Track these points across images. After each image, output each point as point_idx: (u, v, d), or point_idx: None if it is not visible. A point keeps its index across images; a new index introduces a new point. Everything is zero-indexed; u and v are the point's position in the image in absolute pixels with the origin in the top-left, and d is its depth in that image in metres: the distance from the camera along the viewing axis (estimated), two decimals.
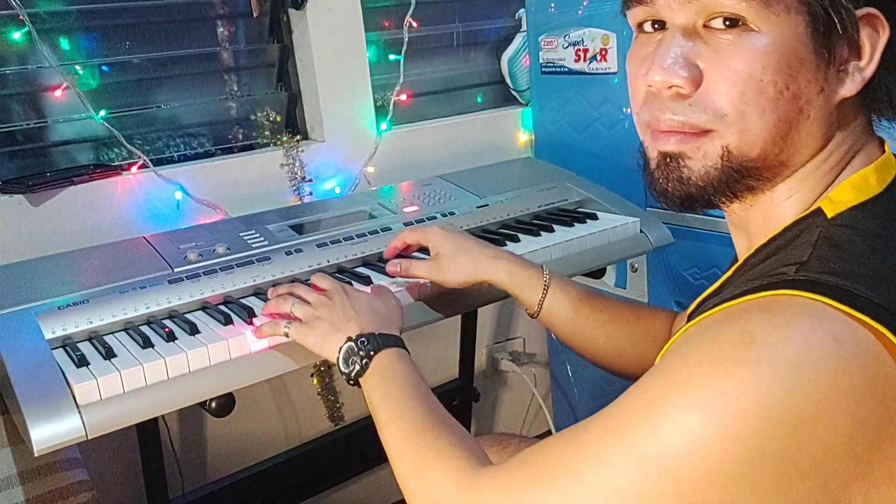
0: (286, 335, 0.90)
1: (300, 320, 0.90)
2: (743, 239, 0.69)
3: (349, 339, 0.84)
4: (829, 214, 0.59)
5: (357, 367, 0.82)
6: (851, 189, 0.60)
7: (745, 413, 0.50)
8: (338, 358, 0.84)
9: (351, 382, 0.83)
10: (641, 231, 1.32)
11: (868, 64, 0.59)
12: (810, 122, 0.60)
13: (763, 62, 0.57)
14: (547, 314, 0.97)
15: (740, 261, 0.66)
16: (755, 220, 0.66)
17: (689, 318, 0.74)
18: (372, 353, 0.82)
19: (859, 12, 0.57)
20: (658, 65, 0.60)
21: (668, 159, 0.62)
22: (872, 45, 0.58)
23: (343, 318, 0.87)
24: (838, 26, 0.57)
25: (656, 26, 0.63)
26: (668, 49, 0.60)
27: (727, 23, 0.58)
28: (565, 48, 1.68)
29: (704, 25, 0.59)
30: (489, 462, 0.67)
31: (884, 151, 0.63)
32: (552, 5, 1.71)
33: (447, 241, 1.01)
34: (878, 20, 0.58)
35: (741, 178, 0.61)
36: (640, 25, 0.65)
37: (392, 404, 0.77)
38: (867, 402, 0.50)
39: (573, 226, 1.30)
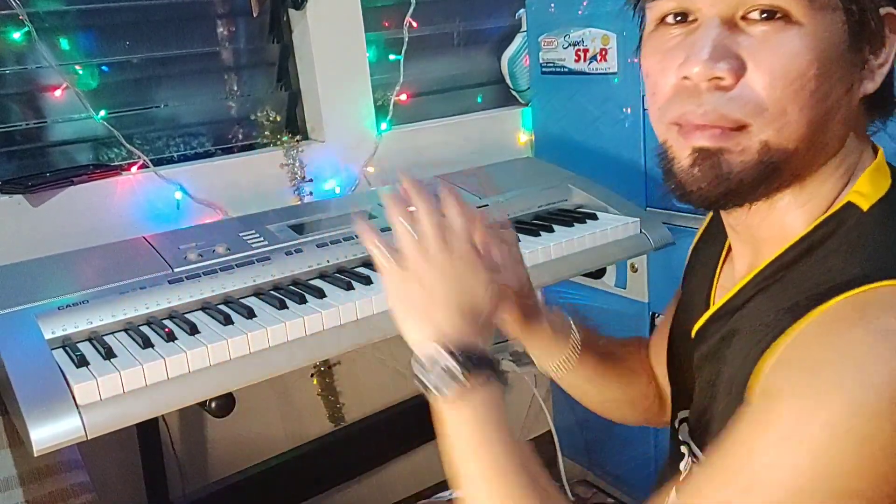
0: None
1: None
2: (748, 248, 0.66)
3: (442, 347, 0.63)
4: (864, 207, 0.58)
5: (443, 388, 0.63)
6: (870, 183, 0.60)
7: None
8: (415, 359, 0.65)
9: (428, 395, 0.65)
10: (642, 231, 1.31)
11: (885, 63, 0.59)
12: (836, 122, 0.59)
13: (807, 57, 0.55)
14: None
15: (752, 272, 0.62)
16: (769, 227, 0.63)
17: (696, 336, 0.69)
18: (467, 374, 0.63)
19: (882, 11, 0.57)
20: (697, 55, 0.56)
21: (705, 155, 0.58)
22: (891, 44, 0.58)
23: (437, 291, 0.67)
24: (872, 24, 0.57)
25: (679, 18, 0.60)
26: (707, 39, 0.56)
27: (764, 15, 0.55)
28: (565, 48, 1.68)
29: (743, 17, 0.56)
30: None
31: (876, 156, 0.63)
32: (552, 5, 1.71)
33: None
34: None
35: (776, 174, 0.58)
36: (662, 18, 0.61)
37: (486, 456, 0.62)
38: None
39: (573, 226, 1.30)
